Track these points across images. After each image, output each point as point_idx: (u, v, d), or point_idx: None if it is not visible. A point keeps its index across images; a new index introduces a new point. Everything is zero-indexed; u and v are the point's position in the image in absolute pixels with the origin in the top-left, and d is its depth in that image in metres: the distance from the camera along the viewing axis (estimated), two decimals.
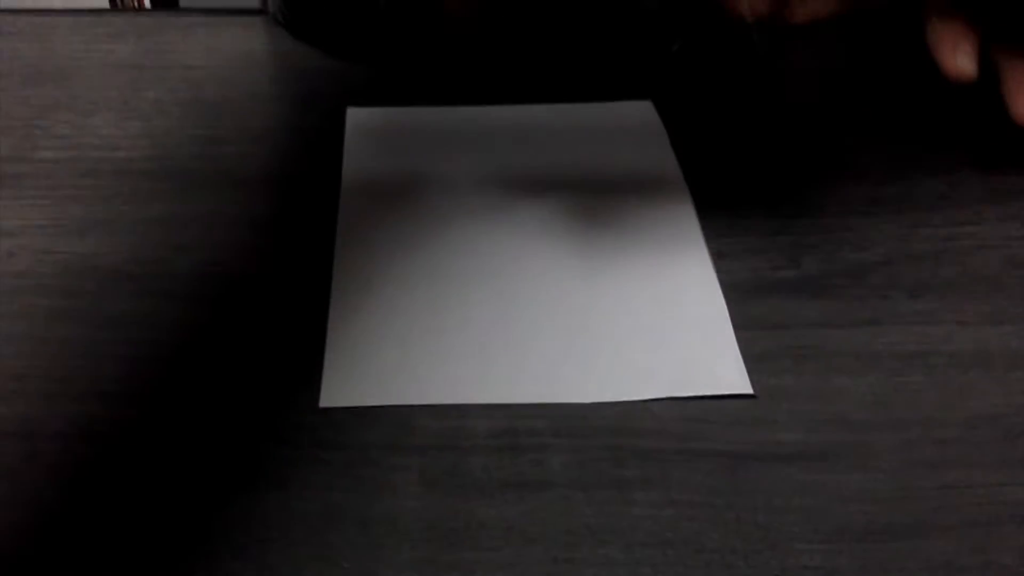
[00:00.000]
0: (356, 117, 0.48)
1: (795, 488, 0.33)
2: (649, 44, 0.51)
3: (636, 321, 0.38)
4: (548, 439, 0.34)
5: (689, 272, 0.40)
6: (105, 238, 0.41)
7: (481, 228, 0.42)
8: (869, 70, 0.50)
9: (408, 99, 0.49)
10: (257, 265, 0.40)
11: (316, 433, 0.34)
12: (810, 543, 0.31)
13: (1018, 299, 0.40)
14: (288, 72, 0.50)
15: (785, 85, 0.52)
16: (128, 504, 0.32)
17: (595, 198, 0.43)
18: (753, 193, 0.45)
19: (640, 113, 0.47)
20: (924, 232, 0.43)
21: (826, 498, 0.33)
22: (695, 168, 0.45)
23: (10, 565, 0.31)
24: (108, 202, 0.43)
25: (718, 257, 0.41)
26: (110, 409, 0.35)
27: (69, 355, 0.37)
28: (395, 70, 0.50)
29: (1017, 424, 0.35)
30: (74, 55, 0.51)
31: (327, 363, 0.37)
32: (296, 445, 0.34)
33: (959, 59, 0.41)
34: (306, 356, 0.37)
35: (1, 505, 0.32)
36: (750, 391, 0.36)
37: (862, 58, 0.50)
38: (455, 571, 0.31)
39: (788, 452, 0.34)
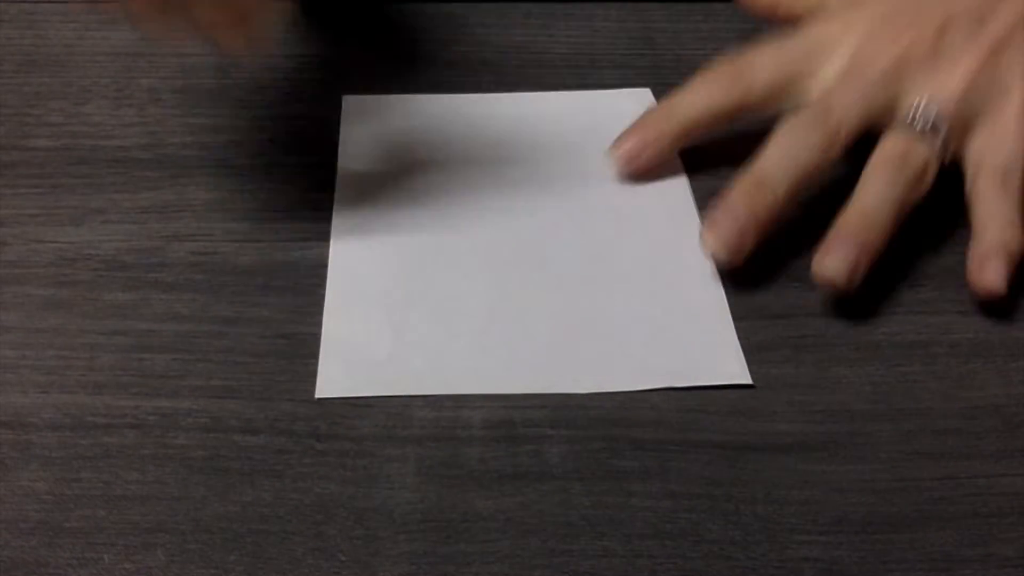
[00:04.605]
0: (352, 105, 0.47)
1: (794, 479, 0.33)
2: None
3: (634, 311, 0.38)
4: (546, 430, 0.34)
5: (688, 261, 0.40)
6: (98, 227, 0.41)
7: (477, 217, 0.42)
8: None
9: (404, 87, 0.48)
10: (252, 254, 0.40)
11: (312, 424, 0.34)
12: (809, 534, 0.31)
13: (1018, 288, 0.39)
14: (283, 59, 0.50)
15: None
16: (121, 495, 0.32)
17: (593, 187, 0.43)
18: None
19: (638, 101, 0.47)
20: (924, 220, 0.42)
21: (825, 489, 0.33)
22: (694, 156, 0.45)
23: (3, 555, 0.30)
24: (101, 191, 0.43)
25: None
26: (103, 400, 0.35)
27: (62, 345, 0.36)
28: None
29: (1017, 414, 0.35)
30: (67, 42, 0.51)
31: (323, 353, 0.36)
32: (292, 436, 0.34)
33: None
34: (301, 346, 0.37)
35: None
36: (749, 381, 0.36)
37: None
38: (452, 563, 0.31)
39: (787, 443, 0.34)
